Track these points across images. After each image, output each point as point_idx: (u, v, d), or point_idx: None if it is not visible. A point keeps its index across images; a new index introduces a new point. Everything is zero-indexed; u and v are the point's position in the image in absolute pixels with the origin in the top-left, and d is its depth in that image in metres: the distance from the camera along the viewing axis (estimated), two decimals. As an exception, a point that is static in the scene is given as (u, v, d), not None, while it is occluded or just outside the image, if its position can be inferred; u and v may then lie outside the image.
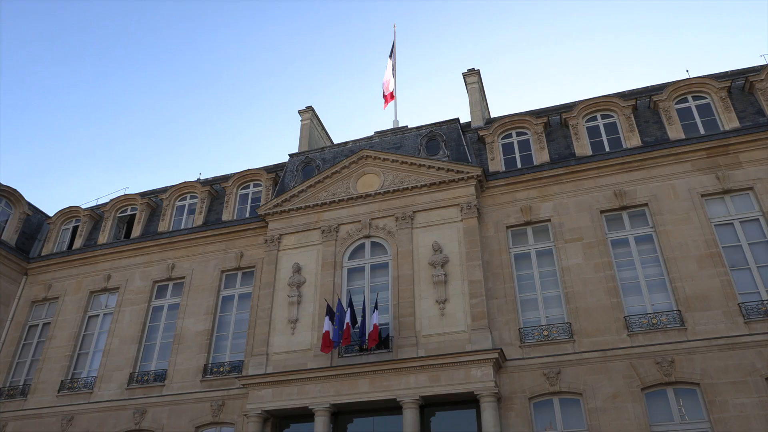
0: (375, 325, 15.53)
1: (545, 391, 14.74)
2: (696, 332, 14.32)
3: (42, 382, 19.62)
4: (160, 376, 18.35)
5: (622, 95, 19.47)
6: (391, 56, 24.55)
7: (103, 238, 22.36)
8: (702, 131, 17.30)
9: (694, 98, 18.00)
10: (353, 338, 15.96)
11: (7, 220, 22.72)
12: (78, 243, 22.76)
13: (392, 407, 15.34)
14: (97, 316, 20.87)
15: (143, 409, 17.80)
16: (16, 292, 22.02)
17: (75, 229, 23.59)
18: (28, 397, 19.49)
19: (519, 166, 18.58)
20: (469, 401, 15.10)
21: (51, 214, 24.51)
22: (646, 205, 16.59)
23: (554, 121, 19.47)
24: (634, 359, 14.41)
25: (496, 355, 14.79)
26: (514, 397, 14.84)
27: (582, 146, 18.09)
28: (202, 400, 17.40)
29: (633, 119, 18.01)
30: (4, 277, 21.65)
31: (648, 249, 16.15)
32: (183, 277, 20.21)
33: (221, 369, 17.87)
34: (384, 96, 23.49)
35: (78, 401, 18.76)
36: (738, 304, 14.36)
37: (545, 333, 15.50)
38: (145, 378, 18.53)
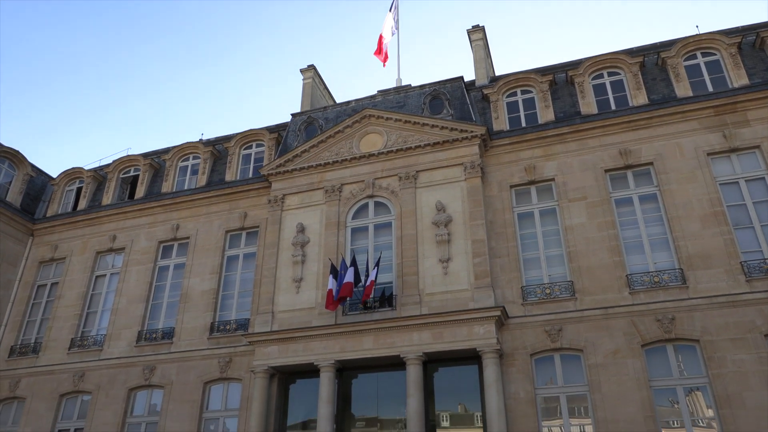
0: (372, 281, 15.72)
1: (546, 348, 14.98)
2: (697, 290, 14.44)
3: (52, 340, 20.02)
4: (168, 334, 18.70)
5: (630, 52, 19.13)
6: (391, 10, 24.03)
7: (107, 199, 22.46)
8: (710, 89, 17.06)
9: (703, 55, 17.68)
10: (356, 295, 16.15)
11: (10, 182, 22.78)
12: (82, 204, 22.87)
13: (396, 363, 15.65)
14: (104, 275, 21.14)
15: (152, 365, 18.20)
16: (23, 252, 22.25)
17: (79, 190, 23.67)
18: (39, 355, 19.93)
19: (523, 124, 18.42)
20: (471, 357, 15.37)
21: (54, 175, 24.56)
22: (651, 164, 16.50)
23: (560, 78, 19.20)
24: (635, 317, 14.58)
25: (498, 313, 14.98)
26: (516, 353, 15.09)
27: (588, 104, 17.89)
28: (210, 356, 17.76)
29: (640, 77, 17.74)
30: (10, 238, 21.84)
31: (652, 208, 16.14)
32: (188, 238, 20.36)
33: (228, 327, 18.19)
34: (380, 52, 23.03)
35: (88, 358, 19.18)
36: (740, 262, 14.43)
37: (547, 291, 15.65)
38: (154, 336, 18.89)
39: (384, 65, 23.34)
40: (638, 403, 13.66)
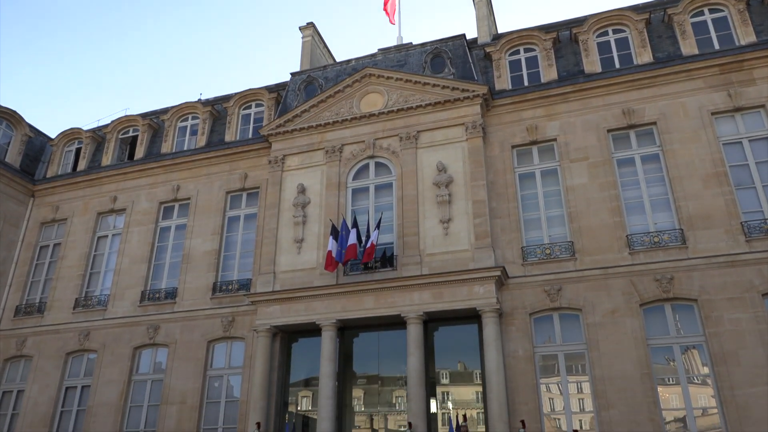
0: (372, 243, 15.80)
1: (545, 307, 15.15)
2: (697, 250, 14.50)
3: (57, 300, 20.25)
4: (171, 294, 18.89)
5: (636, 8, 18.71)
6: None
7: (106, 159, 22.37)
8: (717, 46, 16.75)
9: (711, 11, 17.30)
10: (359, 256, 16.25)
11: (9, 143, 22.63)
12: (82, 165, 22.79)
13: (397, 322, 15.86)
14: (106, 236, 21.22)
15: (156, 324, 18.45)
16: (24, 213, 22.28)
17: (78, 151, 23.54)
18: (44, 314, 20.19)
19: (526, 83, 18.17)
20: (471, 316, 15.56)
21: (53, 136, 24.38)
22: (654, 123, 16.34)
23: (564, 36, 18.84)
24: (634, 276, 14.69)
25: (498, 273, 15.09)
26: (515, 312, 15.27)
27: (591, 63, 17.60)
28: (213, 316, 17.98)
29: (646, 34, 17.40)
30: (12, 199, 21.84)
31: (654, 168, 16.07)
32: (188, 198, 20.36)
33: (230, 287, 18.36)
34: (388, 7, 22.52)
35: (93, 318, 19.43)
36: (740, 222, 14.44)
37: (547, 251, 15.73)
38: (157, 296, 19.08)
39: (392, 22, 22.82)
40: (635, 361, 13.89)
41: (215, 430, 16.84)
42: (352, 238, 16.06)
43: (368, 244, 15.95)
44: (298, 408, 17.38)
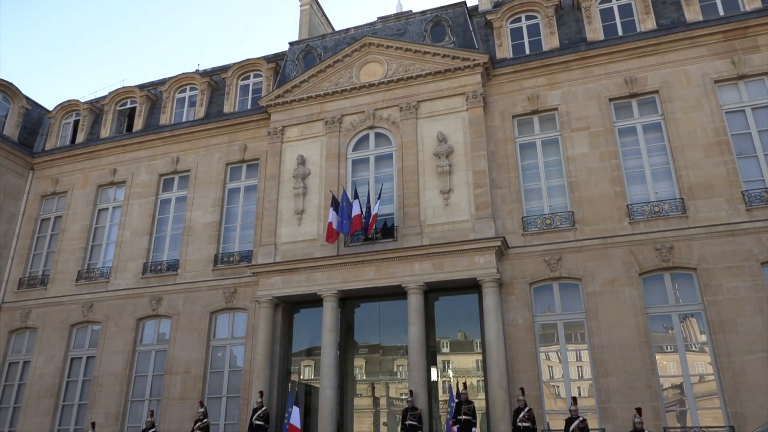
0: (374, 214, 15.83)
1: (545, 277, 15.25)
2: (697, 219, 14.52)
3: (60, 272, 20.38)
4: (173, 266, 18.99)
5: (640, -26, 18.34)
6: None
7: (105, 131, 22.26)
8: (721, 12, 16.49)
9: (716, -24, 16.96)
10: (363, 227, 16.28)
11: (6, 115, 22.48)
12: (80, 137, 22.68)
13: (397, 293, 15.97)
14: (107, 209, 21.25)
15: (159, 296, 18.61)
16: (24, 186, 22.27)
17: (76, 123, 23.40)
18: (48, 287, 20.34)
19: (527, 52, 17.94)
20: (471, 286, 15.68)
21: (50, 108, 24.20)
22: (656, 92, 16.18)
23: (566, 3, 18.53)
24: (633, 246, 14.74)
25: (498, 243, 15.14)
26: (515, 282, 15.37)
27: (594, 30, 17.36)
28: (215, 287, 18.11)
29: (649, 0, 17.10)
30: (11, 172, 21.81)
31: (655, 137, 15.98)
32: (188, 170, 20.32)
33: (231, 258, 18.45)
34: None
35: (96, 290, 19.58)
36: (741, 191, 14.43)
37: (548, 222, 15.75)
38: (159, 268, 19.19)
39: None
40: (633, 329, 14.03)
41: (219, 398, 17.12)
42: (356, 210, 16.08)
43: (370, 216, 15.98)
44: (301, 377, 17.64)
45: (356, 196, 16.31)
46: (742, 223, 14.13)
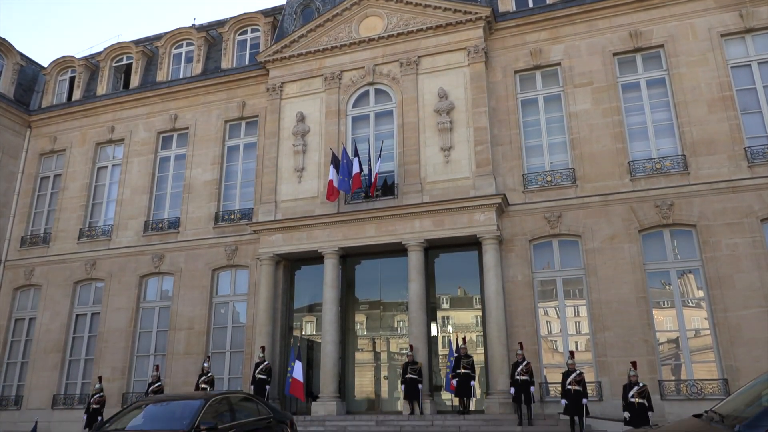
0: (376, 174, 15.79)
1: (545, 234, 15.31)
2: (698, 176, 14.47)
3: (61, 231, 20.47)
4: (174, 224, 19.05)
5: None
6: None
7: (101, 89, 21.98)
8: (730, -37, 16.01)
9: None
10: (363, 184, 16.26)
11: (1, 72, 22.16)
12: (77, 95, 22.41)
13: (398, 250, 16.06)
14: (106, 167, 21.18)
15: (161, 254, 18.73)
16: (22, 144, 22.14)
17: (72, 80, 23.09)
18: (50, 245, 20.46)
19: (531, 5, 17.53)
20: (471, 243, 15.75)
21: (45, 65, 23.83)
22: (661, 46, 15.88)
23: (571, -47, 17.98)
24: (634, 203, 14.75)
25: (499, 200, 15.14)
26: (515, 239, 15.44)
27: (599, -18, 16.89)
28: (216, 245, 18.22)
29: (657, -50, 16.60)
30: (8, 130, 21.64)
31: (659, 93, 15.78)
32: (187, 128, 20.16)
33: (232, 216, 18.49)
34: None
35: (98, 248, 19.70)
36: (744, 148, 14.33)
37: (548, 179, 15.71)
38: (160, 225, 19.26)
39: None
40: (632, 285, 14.17)
41: (223, 353, 17.44)
42: (356, 168, 16.02)
43: (371, 175, 15.88)
44: (303, 333, 17.93)
45: (356, 154, 16.22)
46: (743, 180, 14.10)
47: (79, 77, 22.65)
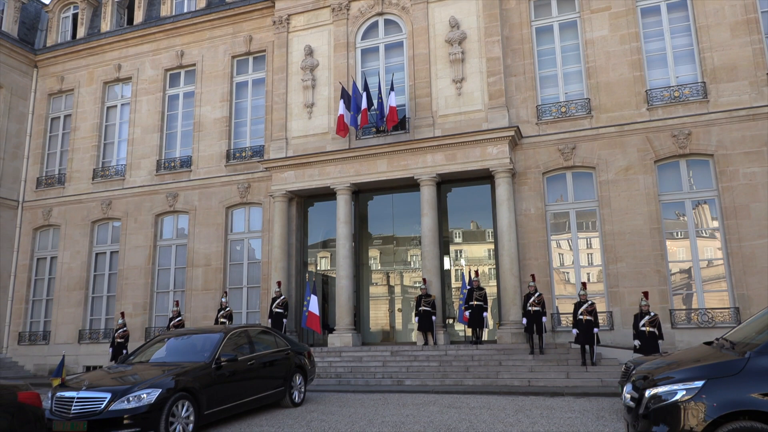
0: (392, 107, 15.51)
1: (559, 166, 15.15)
2: (718, 104, 14.09)
3: (76, 171, 20.62)
4: (186, 162, 19.08)
5: None
6: None
7: (105, 25, 21.54)
8: None
9: None
10: (370, 120, 16.06)
11: (2, 11, 21.71)
12: (81, 32, 22.00)
13: (410, 184, 16.04)
14: (115, 106, 21.05)
15: (175, 192, 18.86)
16: (30, 84, 21.97)
17: (75, 16, 22.59)
18: (66, 185, 20.66)
19: (547, -75, 16.63)
20: (484, 177, 15.67)
21: (47, 1, 23.30)
22: (684, -34, 15.12)
23: None
24: (650, 133, 14.46)
25: (512, 133, 14.91)
26: (528, 172, 15.31)
27: None
28: (229, 183, 18.29)
29: None
30: (15, 71, 21.43)
31: (680, 17, 15.14)
32: (194, 65, 19.83)
33: (243, 154, 18.45)
34: None
35: (113, 187, 19.87)
36: (767, 73, 13.85)
37: (563, 109, 15.39)
38: (172, 164, 19.30)
39: None
40: (645, 216, 14.12)
41: (240, 289, 17.83)
42: (364, 103, 15.76)
43: (387, 110, 15.56)
44: (317, 268, 18.23)
45: (366, 89, 15.91)
46: (764, 107, 13.71)
47: (81, 14, 22.16)
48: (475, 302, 14.27)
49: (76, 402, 7.21)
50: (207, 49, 19.67)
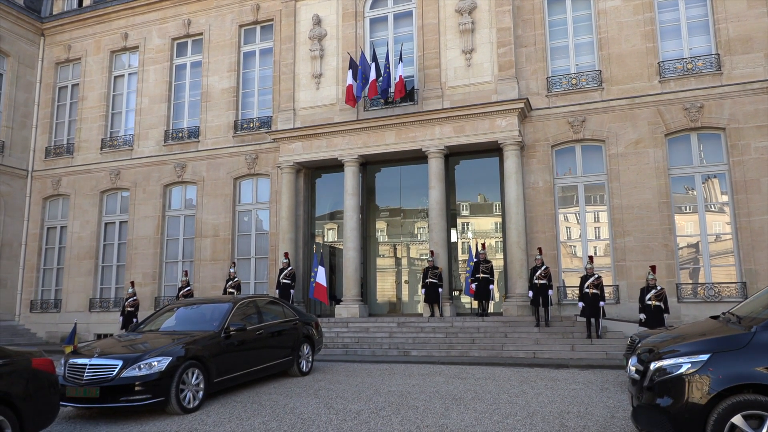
0: (400, 76, 15.35)
1: (568, 139, 15.03)
2: (731, 77, 13.86)
3: (84, 141, 20.65)
4: (194, 133, 19.06)
5: None
6: None
7: (111, -7, 21.34)
8: None
9: None
10: (379, 91, 15.91)
11: (8, -23, 21.49)
12: (87, 0, 21.82)
13: (418, 157, 15.97)
14: (122, 76, 20.96)
15: (183, 163, 18.88)
16: (37, 53, 21.87)
17: (81, -16, 22.39)
18: (74, 155, 20.72)
19: None
20: (492, 150, 15.58)
21: (52, -32, 23.01)
22: (701, -67, 14.72)
23: None
24: (662, 105, 14.28)
25: (521, 105, 14.77)
26: (537, 145, 15.21)
27: None
28: (237, 154, 18.28)
29: None
30: (21, 39, 21.31)
31: (696, -13, 14.80)
32: (201, 34, 19.65)
33: (251, 125, 18.39)
34: None
35: (121, 157, 19.91)
36: (783, 45, 13.59)
37: (573, 81, 15.20)
38: (180, 135, 19.29)
39: None
40: (654, 190, 14.04)
41: (248, 260, 17.97)
42: (373, 74, 15.61)
43: (396, 79, 15.40)
44: (325, 239, 18.31)
45: (374, 59, 15.74)
46: (779, 80, 13.48)
47: (87, -19, 21.94)
48: (482, 275, 14.32)
49: (89, 369, 7.34)
50: (214, 18, 19.47)
